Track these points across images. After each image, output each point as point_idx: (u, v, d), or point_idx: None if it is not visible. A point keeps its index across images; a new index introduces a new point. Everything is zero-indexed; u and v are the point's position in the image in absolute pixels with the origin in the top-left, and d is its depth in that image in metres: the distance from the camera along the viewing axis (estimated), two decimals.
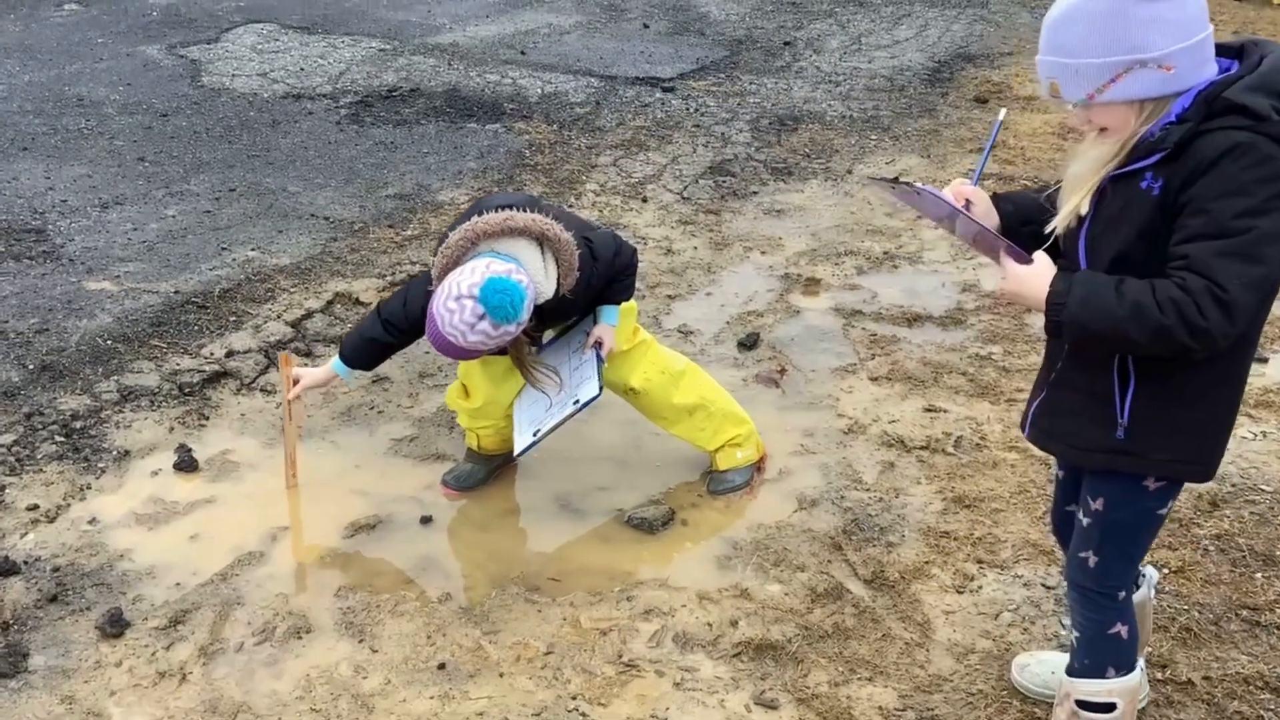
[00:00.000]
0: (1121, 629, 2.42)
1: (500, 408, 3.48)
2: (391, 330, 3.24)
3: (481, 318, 2.86)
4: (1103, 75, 1.98)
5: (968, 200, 2.29)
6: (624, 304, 3.37)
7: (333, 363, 3.36)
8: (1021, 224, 2.28)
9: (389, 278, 4.81)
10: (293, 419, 3.47)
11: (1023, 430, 2.44)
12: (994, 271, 2.28)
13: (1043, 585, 3.16)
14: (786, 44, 8.57)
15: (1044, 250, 2.17)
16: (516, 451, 3.39)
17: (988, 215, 2.30)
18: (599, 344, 3.33)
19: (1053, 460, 2.79)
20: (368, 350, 3.32)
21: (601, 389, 3.27)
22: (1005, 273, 2.16)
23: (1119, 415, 2.16)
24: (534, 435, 3.31)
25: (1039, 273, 2.11)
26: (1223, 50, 2.07)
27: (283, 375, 3.43)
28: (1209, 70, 2.01)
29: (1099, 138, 2.10)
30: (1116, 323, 1.99)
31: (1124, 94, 1.99)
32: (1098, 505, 2.30)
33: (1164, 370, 2.11)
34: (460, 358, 3.08)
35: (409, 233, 5.26)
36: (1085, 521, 2.34)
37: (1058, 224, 2.16)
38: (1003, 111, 2.56)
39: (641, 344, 3.51)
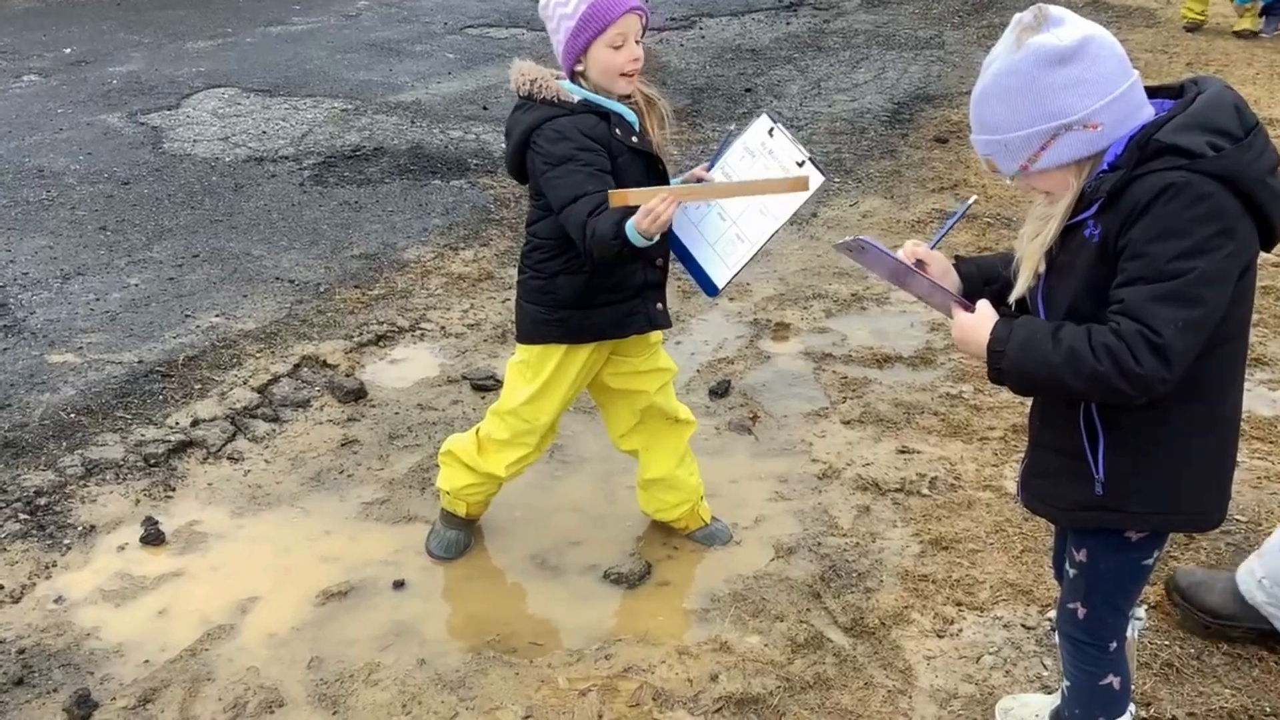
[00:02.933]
0: (1113, 680, 2.39)
1: (552, 422, 3.30)
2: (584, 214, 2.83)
3: None
4: (1031, 145, 1.99)
5: (920, 260, 2.28)
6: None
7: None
8: (985, 283, 2.27)
9: (356, 338, 4.77)
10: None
11: (1018, 497, 2.43)
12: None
13: (1022, 626, 3.13)
14: (747, 90, 8.64)
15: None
16: (727, 278, 2.99)
17: (944, 276, 2.29)
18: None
19: None
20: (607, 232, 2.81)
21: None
22: (954, 323, 2.16)
23: (1094, 470, 2.14)
24: (748, 251, 2.95)
25: (981, 321, 2.10)
26: (1164, 91, 2.08)
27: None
28: (1142, 115, 2.00)
29: (1046, 201, 2.10)
30: (1053, 369, 1.98)
31: (1056, 160, 1.99)
32: (1082, 557, 2.28)
33: (1132, 421, 2.09)
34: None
35: (375, 292, 5.24)
36: (1072, 573, 2.32)
37: (1019, 290, 2.14)
38: (972, 198, 2.58)
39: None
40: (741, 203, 2.98)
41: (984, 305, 2.13)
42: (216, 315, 4.98)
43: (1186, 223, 1.90)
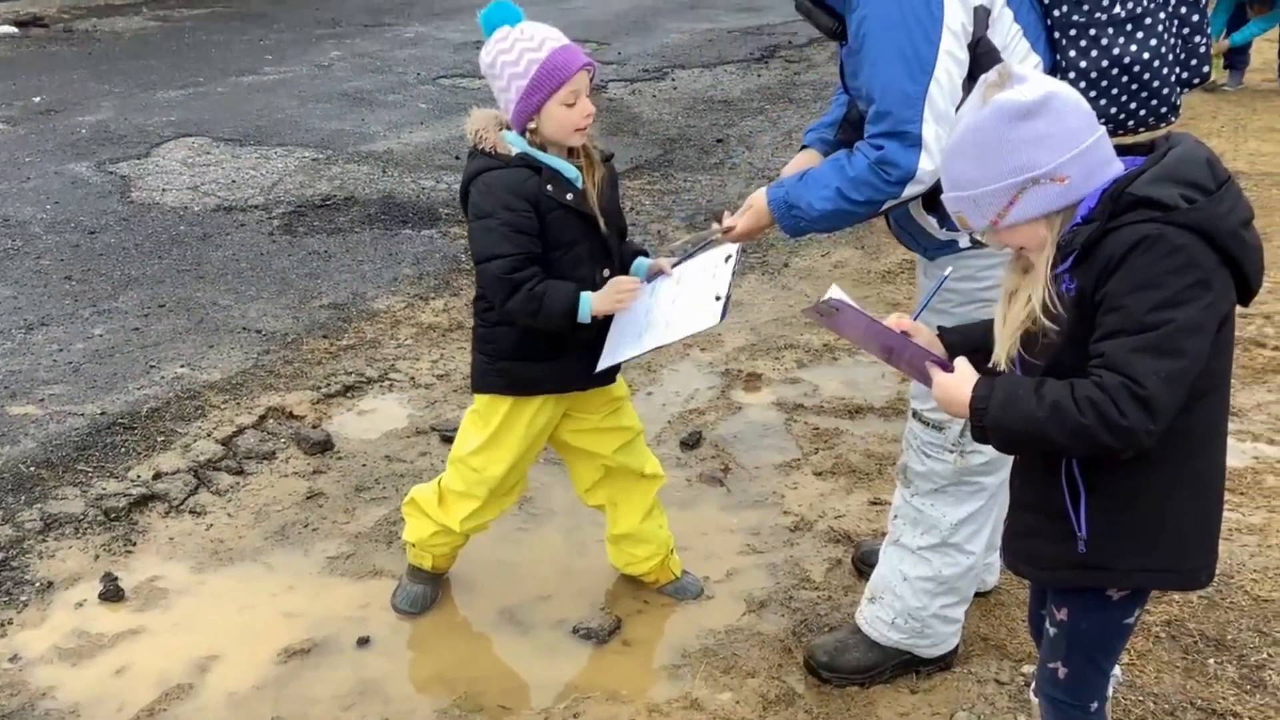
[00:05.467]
0: None
1: (518, 476, 3.31)
2: (513, 269, 2.90)
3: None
4: (999, 200, 1.99)
5: (906, 332, 2.27)
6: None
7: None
8: (971, 350, 2.24)
9: (323, 389, 4.72)
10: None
11: (1002, 557, 2.40)
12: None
13: (996, 681, 3.10)
14: (719, 141, 8.68)
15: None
16: (606, 363, 3.06)
17: (931, 346, 2.28)
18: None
19: None
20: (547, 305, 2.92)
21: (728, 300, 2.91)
22: (933, 384, 2.15)
23: (1077, 529, 2.11)
24: (638, 346, 2.99)
25: (961, 380, 2.09)
26: (1136, 149, 2.08)
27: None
28: (1111, 169, 2.00)
29: (1014, 267, 2.10)
30: (1037, 425, 1.96)
31: (1025, 214, 1.99)
32: (1062, 616, 2.25)
33: (1113, 477, 2.07)
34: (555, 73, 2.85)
35: (344, 342, 5.19)
36: (1052, 632, 2.29)
37: (999, 355, 2.12)
38: (949, 269, 2.58)
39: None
40: (662, 309, 3.02)
41: (962, 364, 2.12)
42: (181, 366, 4.92)
43: (1162, 274, 1.90)
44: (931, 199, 2.65)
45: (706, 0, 15.19)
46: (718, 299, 2.86)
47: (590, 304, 2.93)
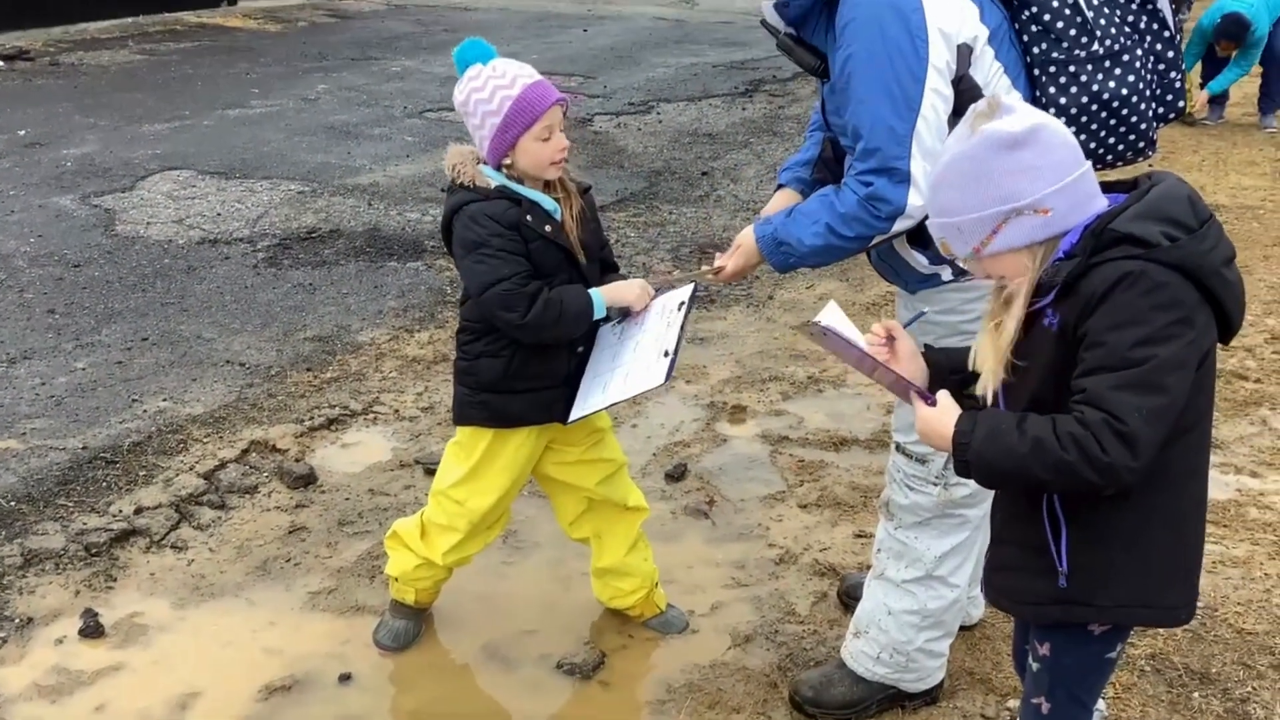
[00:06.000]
0: None
1: (501, 510, 3.30)
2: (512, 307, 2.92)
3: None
4: (982, 229, 2.00)
5: (890, 335, 2.28)
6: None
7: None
8: (951, 372, 2.26)
9: (307, 422, 4.70)
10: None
11: (983, 591, 2.39)
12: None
13: (981, 715, 3.09)
14: (704, 174, 8.72)
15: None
16: (578, 414, 3.07)
17: (913, 357, 2.28)
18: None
19: None
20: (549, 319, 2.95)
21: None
22: (915, 415, 2.15)
23: (1058, 563, 2.11)
24: (603, 396, 3.00)
25: (942, 413, 2.09)
26: (1119, 186, 2.10)
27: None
28: (1095, 205, 2.01)
29: (995, 298, 2.11)
30: (1019, 460, 1.96)
31: (1007, 243, 2.00)
32: (1045, 651, 2.25)
33: (1094, 512, 2.06)
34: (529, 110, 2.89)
35: (328, 375, 5.18)
36: (1035, 667, 2.28)
37: (983, 387, 2.12)
38: (926, 308, 2.59)
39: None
40: (626, 354, 3.03)
41: (944, 397, 2.12)
42: (164, 399, 4.89)
43: (1145, 311, 1.90)
44: (918, 234, 2.66)
45: (691, 35, 15.31)
46: (665, 354, 2.89)
47: (600, 298, 3.00)
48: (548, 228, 2.96)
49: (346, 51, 13.57)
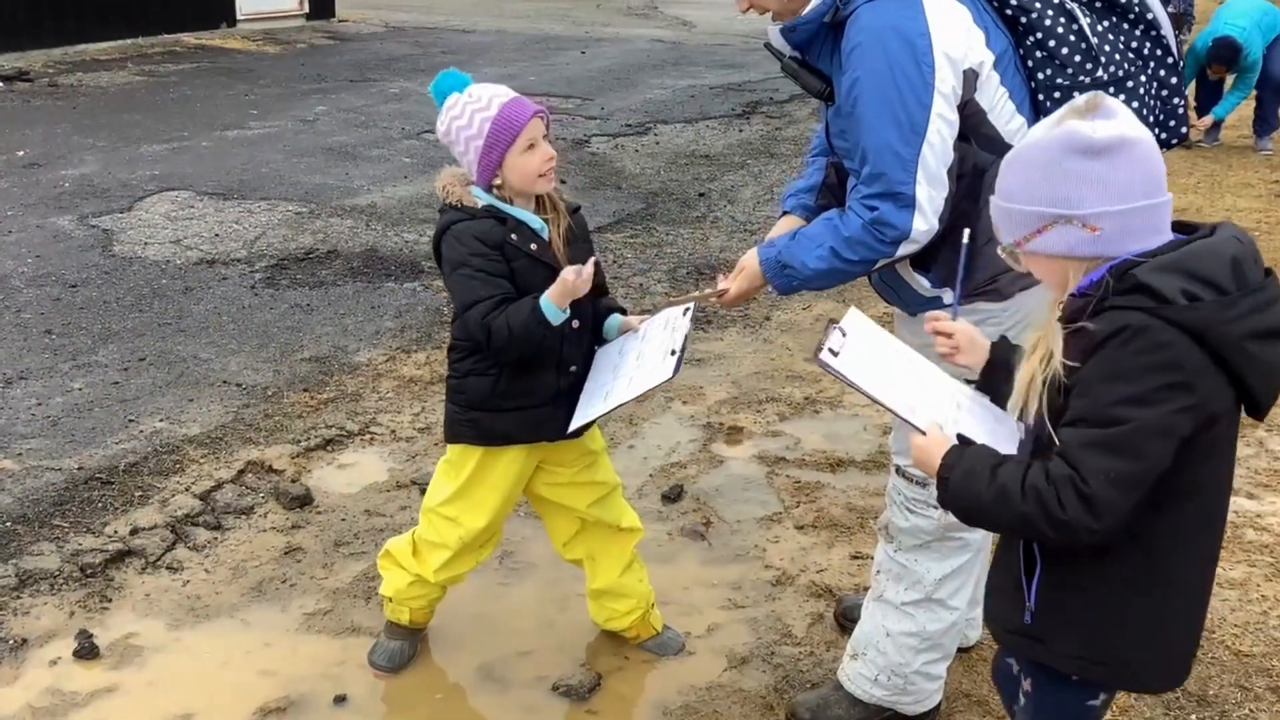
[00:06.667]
0: None
1: (493, 529, 3.28)
2: (489, 326, 2.92)
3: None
4: (1030, 224, 1.93)
5: (939, 333, 2.26)
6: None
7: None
8: (1007, 372, 2.15)
9: (303, 443, 4.70)
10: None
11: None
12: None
13: None
14: (701, 195, 8.74)
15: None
16: (578, 422, 3.04)
17: (971, 346, 2.24)
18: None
19: None
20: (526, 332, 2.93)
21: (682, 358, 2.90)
22: (912, 444, 2.11)
23: (1026, 599, 2.05)
24: (604, 402, 2.98)
25: (931, 444, 2.06)
26: (1186, 228, 1.96)
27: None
28: (1151, 241, 1.88)
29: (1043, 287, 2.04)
30: (984, 506, 1.93)
31: (1048, 247, 1.92)
32: (1027, 686, 2.21)
33: (1071, 558, 1.99)
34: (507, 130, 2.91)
35: (325, 395, 5.18)
36: (1022, 700, 2.25)
37: (1012, 409, 2.06)
38: (966, 231, 2.53)
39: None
40: (628, 366, 3.03)
41: (933, 429, 2.08)
42: (161, 420, 4.89)
43: (1137, 370, 1.81)
44: (920, 257, 2.67)
45: (688, 57, 15.38)
46: (672, 353, 2.88)
47: (546, 299, 2.89)
48: (533, 246, 2.97)
49: (345, 73, 13.61)
